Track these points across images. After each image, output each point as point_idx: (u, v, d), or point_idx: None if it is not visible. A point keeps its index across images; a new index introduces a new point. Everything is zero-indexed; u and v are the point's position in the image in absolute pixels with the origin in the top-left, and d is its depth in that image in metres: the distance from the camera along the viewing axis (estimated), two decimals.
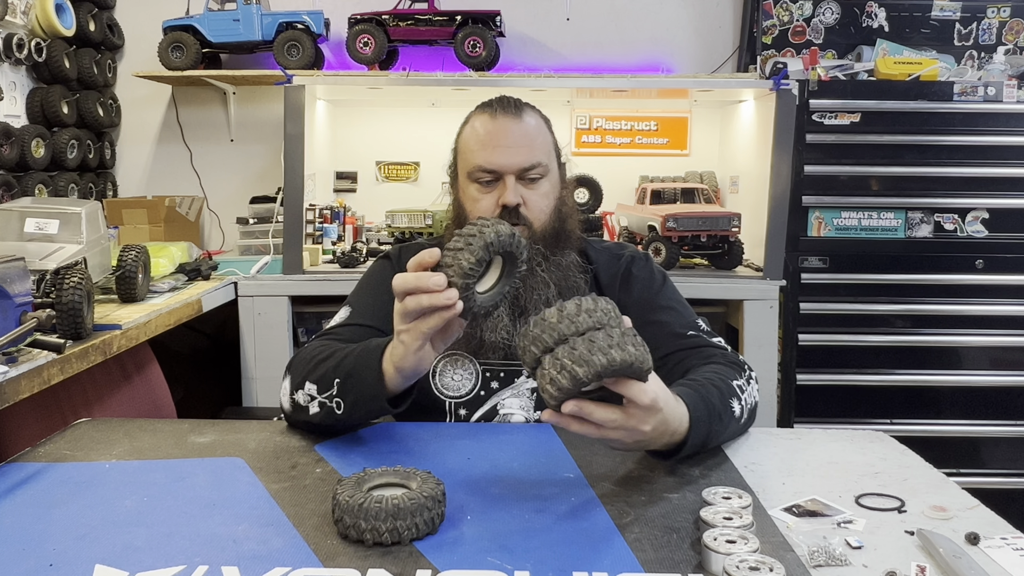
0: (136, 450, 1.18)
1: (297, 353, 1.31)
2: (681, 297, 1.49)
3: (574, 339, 0.91)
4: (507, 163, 1.38)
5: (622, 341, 0.91)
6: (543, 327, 0.92)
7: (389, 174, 3.46)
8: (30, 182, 2.83)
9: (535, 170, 1.39)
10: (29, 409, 1.66)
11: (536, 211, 1.40)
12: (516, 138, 1.39)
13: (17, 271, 1.50)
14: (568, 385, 0.90)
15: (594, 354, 0.89)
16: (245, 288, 2.70)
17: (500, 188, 1.39)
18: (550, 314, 0.93)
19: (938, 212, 2.86)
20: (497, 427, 1.33)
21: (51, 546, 0.88)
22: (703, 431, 1.10)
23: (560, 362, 0.90)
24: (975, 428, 2.89)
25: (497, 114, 1.41)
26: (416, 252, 1.47)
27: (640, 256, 1.53)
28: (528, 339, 0.94)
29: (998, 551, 0.87)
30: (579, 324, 0.91)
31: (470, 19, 3.09)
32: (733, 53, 3.41)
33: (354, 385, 1.15)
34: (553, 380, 0.91)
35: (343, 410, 1.17)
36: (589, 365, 0.89)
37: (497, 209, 1.38)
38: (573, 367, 0.89)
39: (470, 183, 1.42)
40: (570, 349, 0.90)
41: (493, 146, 1.39)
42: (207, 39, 3.11)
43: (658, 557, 0.85)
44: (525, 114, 1.42)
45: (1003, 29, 3.30)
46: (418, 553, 0.86)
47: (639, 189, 3.08)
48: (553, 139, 1.47)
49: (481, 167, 1.39)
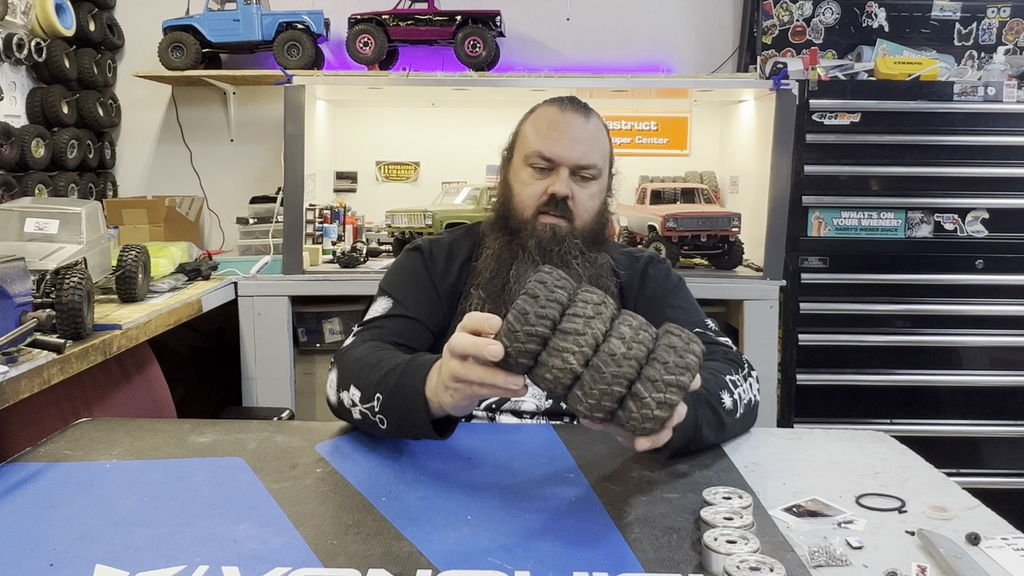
0: (136, 450, 1.18)
1: (347, 346, 1.31)
2: (693, 300, 1.51)
3: (646, 371, 0.87)
4: (565, 155, 1.41)
5: (681, 345, 0.89)
6: (616, 374, 0.86)
7: (389, 174, 3.46)
8: (30, 182, 2.83)
9: (589, 170, 1.43)
10: (29, 409, 1.66)
11: (582, 208, 1.43)
12: (579, 134, 1.42)
13: (17, 271, 1.50)
14: (667, 415, 0.87)
15: (678, 374, 0.87)
16: (245, 288, 2.70)
17: (553, 178, 1.42)
18: (614, 351, 0.86)
19: (938, 212, 2.86)
20: (498, 427, 1.33)
21: (51, 546, 0.88)
22: (689, 416, 1.09)
23: (646, 400, 0.86)
24: (975, 428, 2.88)
25: (566, 109, 1.44)
26: (444, 247, 1.51)
27: (658, 259, 1.56)
28: (599, 390, 0.86)
29: (998, 551, 0.87)
30: (638, 354, 0.87)
31: (470, 19, 3.09)
32: (733, 53, 3.41)
33: (398, 407, 1.12)
34: (661, 404, 0.86)
35: (387, 427, 1.15)
36: (679, 386, 0.87)
37: (544, 197, 1.41)
38: (667, 393, 0.86)
39: (525, 166, 1.44)
40: (653, 381, 0.86)
41: (556, 137, 1.42)
42: (207, 39, 3.11)
43: (658, 557, 0.85)
44: (592, 116, 1.46)
45: (1003, 29, 3.30)
46: (418, 553, 0.86)
47: (639, 189, 3.08)
48: (610, 148, 1.50)
49: (540, 153, 1.42)
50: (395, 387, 1.12)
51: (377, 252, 3.02)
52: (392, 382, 1.13)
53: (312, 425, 1.29)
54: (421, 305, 1.42)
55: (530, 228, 1.42)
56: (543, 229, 1.41)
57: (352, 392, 1.19)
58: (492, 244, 1.45)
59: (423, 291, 1.45)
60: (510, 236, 1.44)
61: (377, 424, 1.16)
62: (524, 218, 1.43)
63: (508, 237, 1.44)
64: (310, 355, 2.88)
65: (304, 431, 1.26)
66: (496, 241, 1.45)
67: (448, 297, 1.45)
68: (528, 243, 1.41)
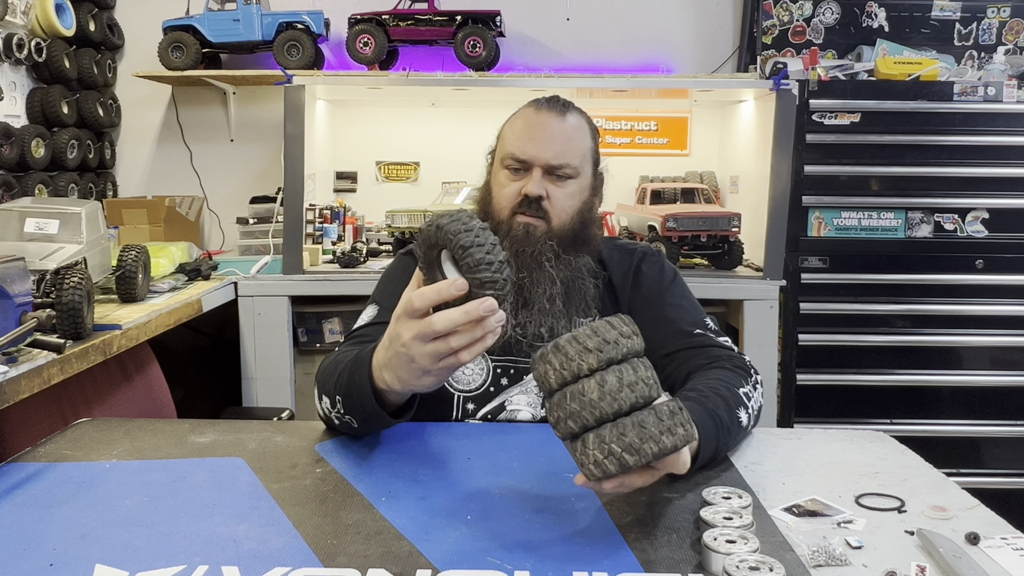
0: (136, 450, 1.18)
1: (323, 360, 1.32)
2: (691, 295, 1.49)
3: (622, 422, 0.84)
4: (537, 155, 1.40)
5: (672, 424, 0.85)
6: (583, 404, 0.84)
7: (389, 174, 3.46)
8: (30, 182, 2.83)
9: (564, 169, 1.41)
10: (29, 409, 1.66)
11: (558, 208, 1.41)
12: (553, 134, 1.41)
13: (17, 271, 1.50)
14: (615, 471, 0.84)
15: (645, 442, 0.83)
16: (245, 288, 2.70)
17: (527, 178, 1.41)
18: (589, 388, 0.84)
19: (938, 212, 2.86)
20: (498, 427, 1.33)
21: (51, 546, 0.88)
22: (711, 447, 1.09)
23: (608, 447, 0.84)
24: (975, 428, 2.89)
25: (542, 109, 1.44)
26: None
27: (651, 253, 1.53)
28: (564, 412, 0.86)
29: (998, 551, 0.87)
30: (622, 403, 0.85)
31: (470, 19, 3.09)
32: (733, 53, 3.41)
33: (355, 404, 1.13)
34: (599, 463, 0.84)
35: (358, 426, 1.18)
36: (640, 454, 0.83)
37: (519, 198, 1.40)
38: (623, 455, 0.83)
39: (501, 168, 1.44)
40: (619, 435, 0.84)
41: (528, 137, 1.41)
42: (207, 39, 3.11)
43: (658, 557, 0.85)
44: (569, 114, 1.44)
45: (1003, 29, 3.30)
46: (418, 553, 0.86)
47: (639, 189, 3.08)
48: (593, 146, 1.48)
49: (513, 155, 1.41)
50: (347, 385, 1.14)
51: (377, 252, 3.02)
52: (344, 381, 1.15)
53: (312, 425, 1.29)
54: None
55: (506, 228, 1.41)
56: (517, 228, 1.40)
57: (324, 401, 1.21)
58: None
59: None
60: None
61: (350, 424, 1.18)
62: (501, 219, 1.42)
63: None
64: (310, 355, 2.88)
65: (304, 431, 1.26)
66: None
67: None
68: (502, 242, 1.39)
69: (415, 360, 0.98)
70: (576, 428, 0.86)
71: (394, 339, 1.01)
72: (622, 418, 0.85)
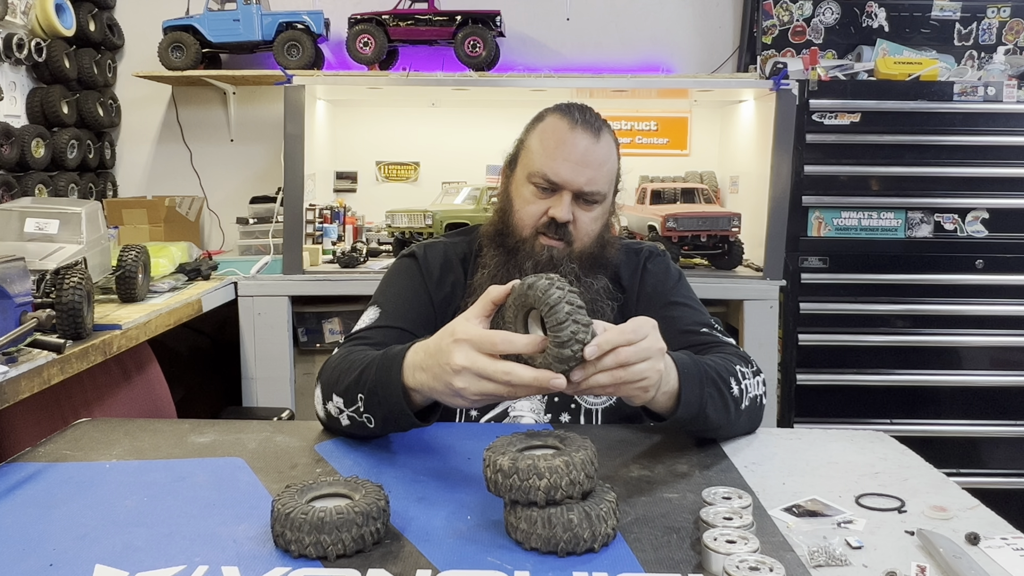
0: (136, 450, 1.18)
1: (327, 360, 1.30)
2: (695, 296, 1.49)
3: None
4: (571, 179, 1.36)
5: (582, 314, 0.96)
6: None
7: (389, 174, 3.46)
8: (30, 182, 2.84)
9: (594, 196, 1.38)
10: (29, 409, 1.66)
11: (583, 233, 1.39)
12: (588, 158, 1.36)
13: (17, 271, 1.50)
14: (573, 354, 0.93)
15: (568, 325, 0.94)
16: (245, 288, 2.70)
17: (555, 200, 1.37)
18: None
19: (938, 212, 2.86)
20: (498, 427, 1.33)
21: (51, 546, 0.88)
22: (695, 387, 1.10)
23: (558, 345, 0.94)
24: (975, 428, 2.89)
25: (577, 127, 1.37)
26: (440, 251, 1.48)
27: (657, 252, 1.53)
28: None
29: (998, 551, 0.87)
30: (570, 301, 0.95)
31: (470, 19, 3.09)
32: (733, 53, 3.41)
33: (380, 402, 1.12)
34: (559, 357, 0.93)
35: (375, 425, 1.15)
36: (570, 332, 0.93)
37: (544, 219, 1.37)
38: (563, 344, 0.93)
39: (527, 183, 1.39)
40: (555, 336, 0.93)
41: (563, 158, 1.35)
42: (207, 39, 3.11)
43: (658, 557, 0.85)
44: (603, 135, 1.39)
45: (1003, 29, 3.30)
46: (418, 553, 0.86)
47: (639, 189, 3.08)
48: (618, 167, 1.45)
49: (545, 176, 1.36)
50: (374, 383, 1.12)
51: (377, 252, 3.02)
52: (370, 378, 1.13)
53: (312, 425, 1.29)
54: (410, 313, 1.39)
55: (528, 248, 1.38)
56: (541, 251, 1.37)
57: (336, 400, 1.19)
58: (489, 261, 1.42)
59: (414, 298, 1.42)
60: (507, 255, 1.40)
61: (365, 424, 1.16)
62: (522, 237, 1.39)
63: (505, 256, 1.41)
64: (310, 355, 2.88)
65: (304, 431, 1.26)
66: (493, 259, 1.42)
67: (441, 306, 1.43)
68: (524, 265, 1.37)
69: (453, 384, 0.98)
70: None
71: (441, 354, 1.00)
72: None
